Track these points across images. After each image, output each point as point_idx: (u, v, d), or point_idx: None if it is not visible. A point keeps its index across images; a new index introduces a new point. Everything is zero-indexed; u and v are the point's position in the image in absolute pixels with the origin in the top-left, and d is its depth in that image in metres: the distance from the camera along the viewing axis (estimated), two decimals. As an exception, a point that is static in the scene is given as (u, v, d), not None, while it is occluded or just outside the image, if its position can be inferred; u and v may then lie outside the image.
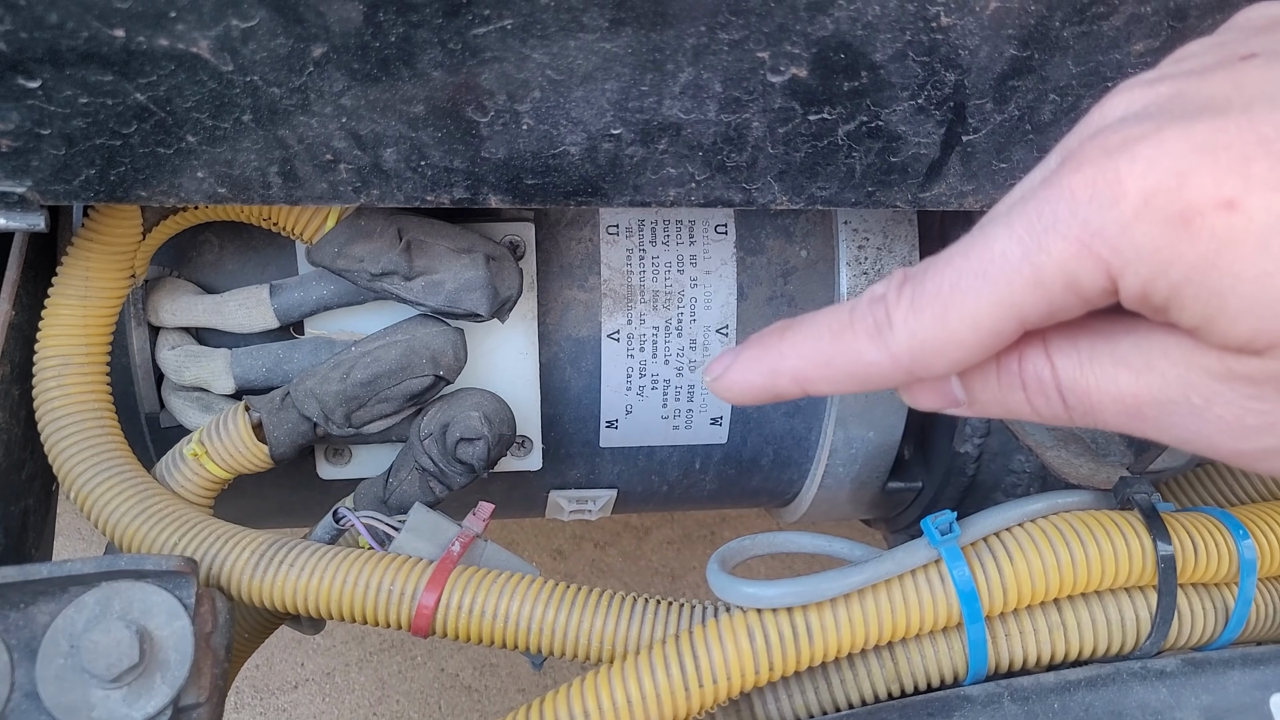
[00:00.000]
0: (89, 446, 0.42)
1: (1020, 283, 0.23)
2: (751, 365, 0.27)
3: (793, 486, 0.60)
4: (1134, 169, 0.21)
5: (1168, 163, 0.21)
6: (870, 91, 0.33)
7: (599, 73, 0.31)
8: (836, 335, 0.26)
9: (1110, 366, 0.24)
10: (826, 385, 0.26)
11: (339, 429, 0.45)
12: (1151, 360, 0.23)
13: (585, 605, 0.38)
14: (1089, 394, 0.24)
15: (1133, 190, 0.21)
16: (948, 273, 0.24)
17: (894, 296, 0.25)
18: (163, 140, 0.33)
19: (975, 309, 0.23)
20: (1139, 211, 0.21)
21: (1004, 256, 0.23)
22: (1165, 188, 0.21)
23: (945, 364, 0.24)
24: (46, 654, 0.35)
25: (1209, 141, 0.21)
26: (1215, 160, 0.20)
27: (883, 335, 0.25)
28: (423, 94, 0.32)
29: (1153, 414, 0.23)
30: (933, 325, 0.24)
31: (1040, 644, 0.34)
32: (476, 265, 0.44)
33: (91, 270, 0.43)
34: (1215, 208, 0.20)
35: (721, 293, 0.52)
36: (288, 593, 0.39)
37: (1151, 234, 0.21)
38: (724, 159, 0.35)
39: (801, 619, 0.33)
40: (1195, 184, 0.20)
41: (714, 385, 0.28)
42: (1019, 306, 0.23)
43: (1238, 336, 0.21)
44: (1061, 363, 0.24)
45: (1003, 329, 0.23)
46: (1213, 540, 0.34)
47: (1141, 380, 0.23)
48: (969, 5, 0.30)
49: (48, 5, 0.28)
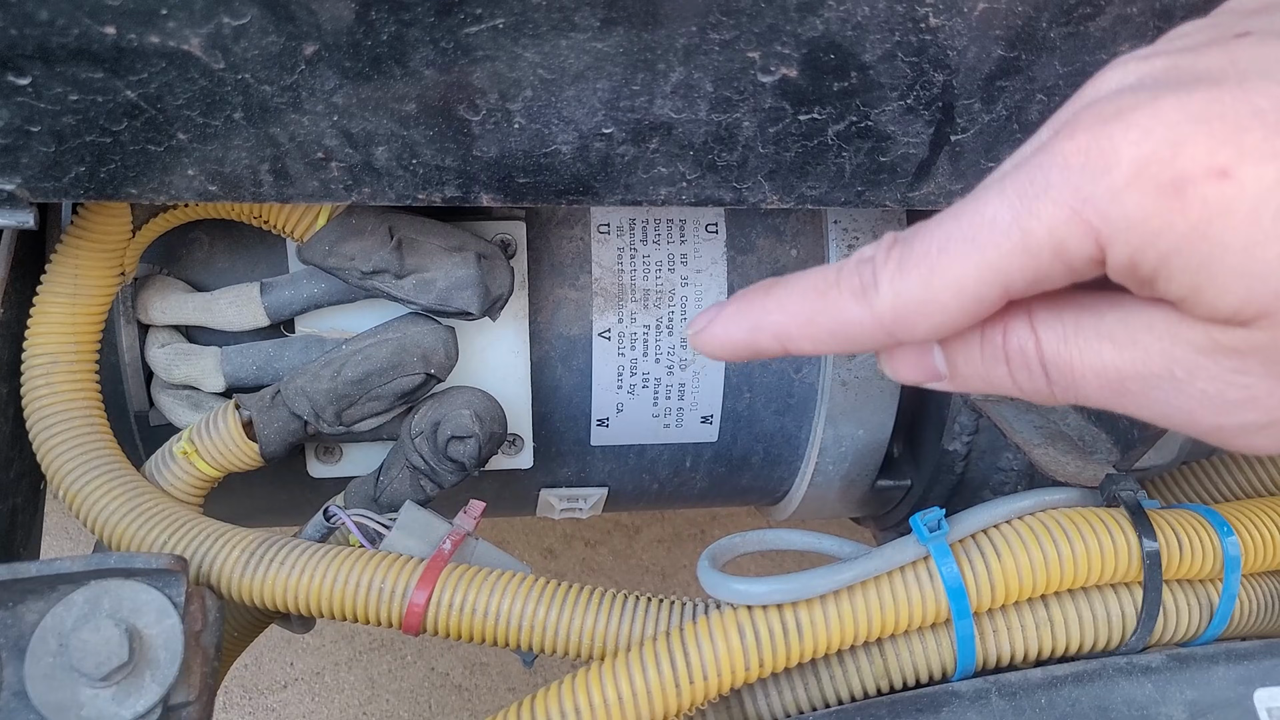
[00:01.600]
0: (78, 445, 0.42)
1: (1008, 247, 0.22)
2: (734, 320, 0.27)
3: (783, 484, 0.60)
4: (1128, 136, 0.21)
5: (1162, 131, 0.21)
6: (860, 92, 0.33)
7: (590, 72, 0.31)
8: (821, 293, 0.25)
9: (1095, 340, 0.23)
10: (808, 343, 0.26)
11: (330, 427, 0.45)
12: (1136, 334, 0.23)
13: (576, 603, 0.38)
14: (1072, 367, 0.24)
15: (1126, 158, 0.21)
16: (937, 235, 0.24)
17: (882, 257, 0.24)
18: (153, 138, 0.33)
19: (961, 273, 0.23)
20: (1131, 180, 0.21)
21: (993, 221, 0.23)
22: (1159, 156, 0.21)
23: (927, 327, 0.24)
24: (35, 653, 0.35)
25: (1204, 111, 0.20)
26: (1209, 130, 0.20)
27: (867, 295, 0.24)
28: (415, 92, 0.32)
29: (1135, 388, 0.23)
30: (917, 287, 0.24)
31: (1028, 640, 0.34)
32: (468, 264, 0.44)
33: (81, 268, 0.43)
34: (1208, 176, 0.20)
35: (712, 291, 0.52)
36: (278, 591, 0.39)
37: (1143, 202, 0.21)
38: (715, 158, 0.36)
39: (791, 616, 0.33)
40: (1189, 153, 0.20)
41: (695, 339, 0.28)
42: (1005, 272, 0.23)
43: (1225, 307, 0.21)
44: (1046, 335, 0.24)
45: (987, 295, 0.23)
46: (1198, 537, 0.35)
47: (1125, 354, 0.23)
48: (957, 6, 0.30)
49: (38, 2, 0.28)
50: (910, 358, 0.26)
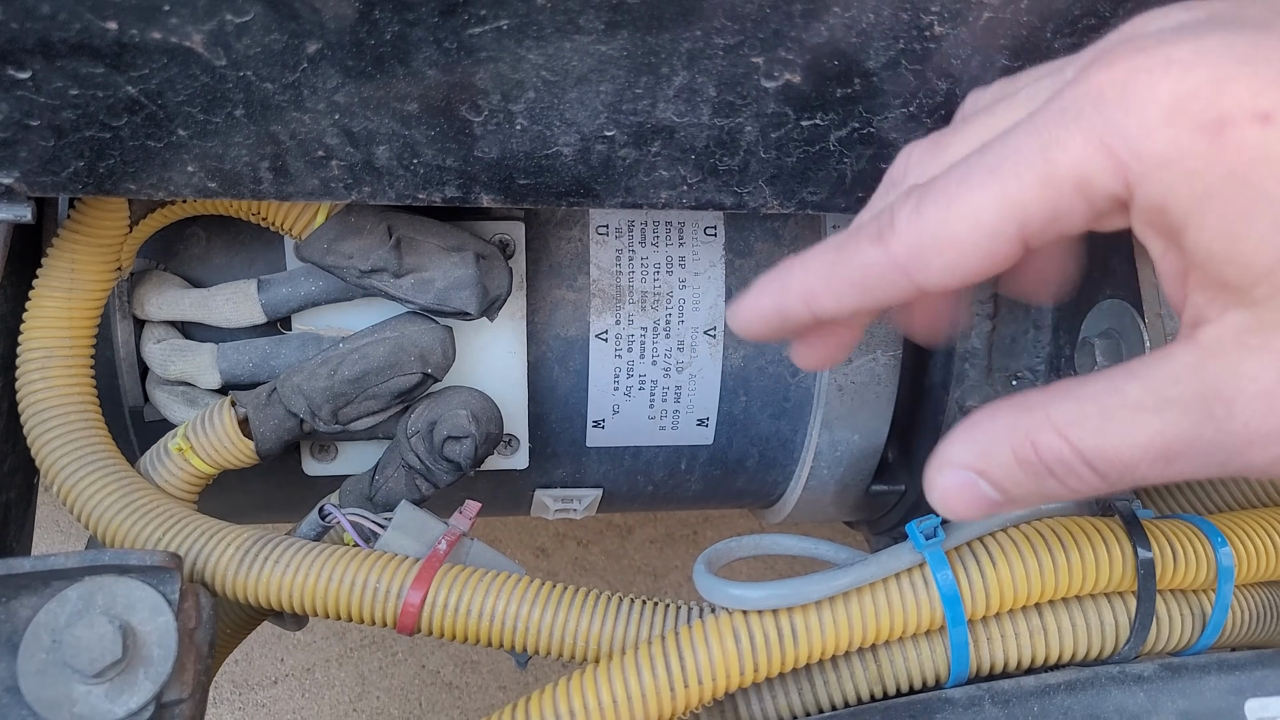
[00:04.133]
0: (72, 440, 0.42)
1: (1029, 178, 0.21)
2: (763, 291, 0.27)
3: (777, 488, 0.60)
4: (1170, 71, 0.20)
5: (1206, 69, 0.20)
6: (863, 98, 0.33)
7: (594, 75, 0.31)
8: (841, 245, 0.25)
9: (1127, 417, 0.22)
10: (831, 298, 0.26)
11: (326, 425, 0.45)
12: (1163, 393, 0.22)
13: (571, 605, 0.38)
14: (1119, 455, 0.22)
15: (1165, 93, 0.20)
16: (958, 170, 0.23)
17: (900, 200, 0.24)
18: (153, 133, 0.33)
19: (977, 204, 0.22)
20: (1169, 115, 0.20)
21: (1018, 151, 0.22)
22: (1201, 93, 0.20)
23: (941, 265, 0.23)
24: (28, 648, 0.35)
25: (1250, 53, 0.20)
26: (1255, 72, 0.19)
27: (884, 236, 0.24)
28: (417, 92, 0.32)
29: (1181, 449, 0.22)
30: (933, 222, 0.23)
31: (1021, 647, 0.34)
32: (466, 264, 0.44)
33: (77, 262, 0.43)
34: (1251, 119, 0.19)
35: (710, 294, 0.52)
36: (272, 589, 0.39)
37: (1180, 139, 0.20)
38: (716, 162, 0.36)
39: (787, 621, 0.33)
40: (1233, 92, 0.19)
41: (732, 320, 0.28)
42: (1023, 206, 0.22)
43: (1260, 261, 0.19)
44: (1077, 434, 0.23)
45: (1002, 229, 0.22)
46: (1191, 547, 0.35)
47: (1161, 418, 0.22)
48: (962, 15, 0.30)
49: (39, -4, 0.27)
50: (961, 488, 0.25)
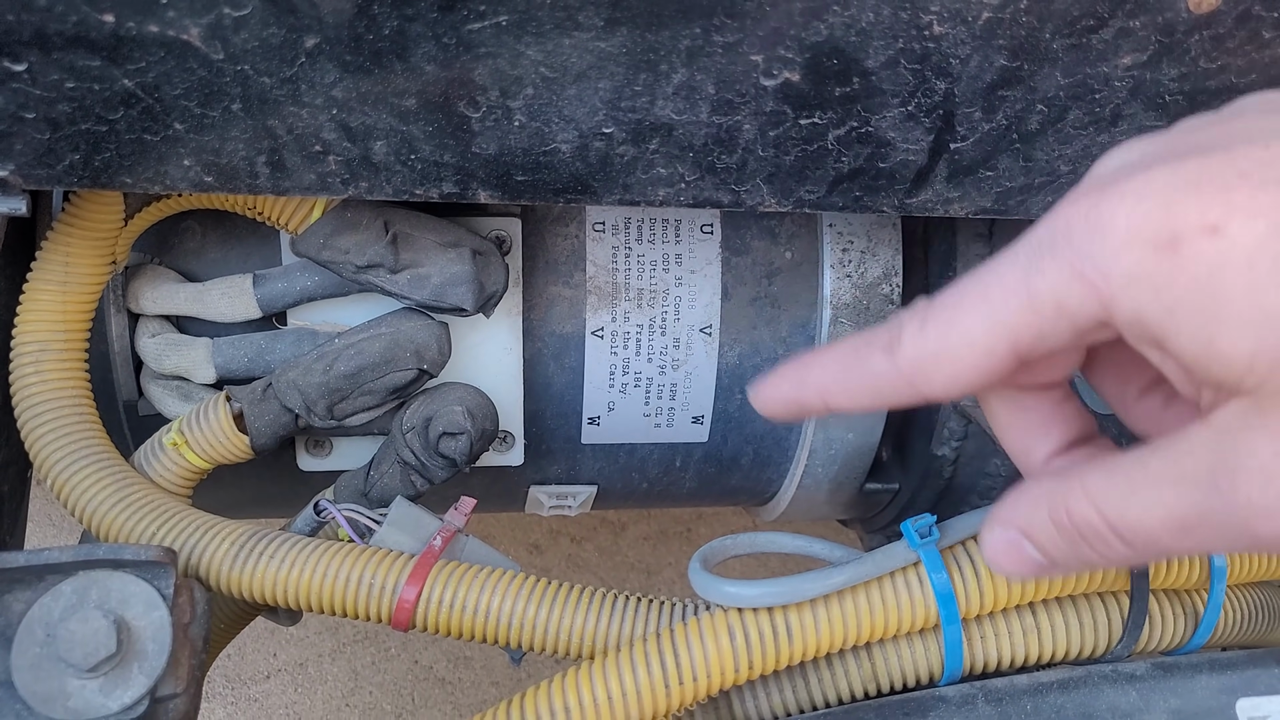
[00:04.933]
0: (66, 434, 0.42)
1: (1015, 304, 0.24)
2: (783, 379, 0.29)
3: (771, 486, 0.60)
4: (1124, 201, 0.22)
5: (1155, 195, 0.22)
6: (861, 97, 0.33)
7: (593, 71, 0.31)
8: (856, 350, 0.27)
9: (1151, 490, 0.24)
10: (845, 398, 0.28)
11: (321, 421, 0.45)
12: (1181, 467, 0.23)
13: (566, 602, 0.38)
14: (1142, 524, 0.24)
15: (1122, 220, 0.22)
16: (954, 295, 0.26)
17: (909, 317, 0.26)
18: (149, 127, 0.33)
19: (971, 326, 0.25)
20: (1128, 239, 0.22)
21: (1002, 280, 0.24)
22: (1152, 217, 0.22)
23: (942, 379, 0.26)
24: (22, 642, 0.35)
25: (1193, 177, 0.22)
26: (1199, 191, 0.22)
27: (892, 349, 0.26)
28: (415, 88, 0.32)
29: (1194, 521, 0.23)
30: (935, 340, 0.25)
31: (1014, 646, 0.34)
32: (463, 260, 0.44)
33: (72, 256, 0.43)
34: (1200, 232, 0.21)
35: (706, 292, 0.52)
36: (267, 584, 0.39)
37: (1141, 259, 0.22)
38: (714, 160, 0.36)
39: (781, 619, 0.33)
40: (1180, 212, 0.22)
41: (755, 400, 0.30)
42: (1012, 327, 0.24)
43: (1239, 357, 0.21)
44: (1104, 503, 0.25)
45: (996, 348, 0.25)
46: (1184, 547, 0.35)
47: (1177, 490, 0.23)
48: (962, 15, 0.30)
49: (36, -12, 0.27)
50: (1006, 548, 0.27)
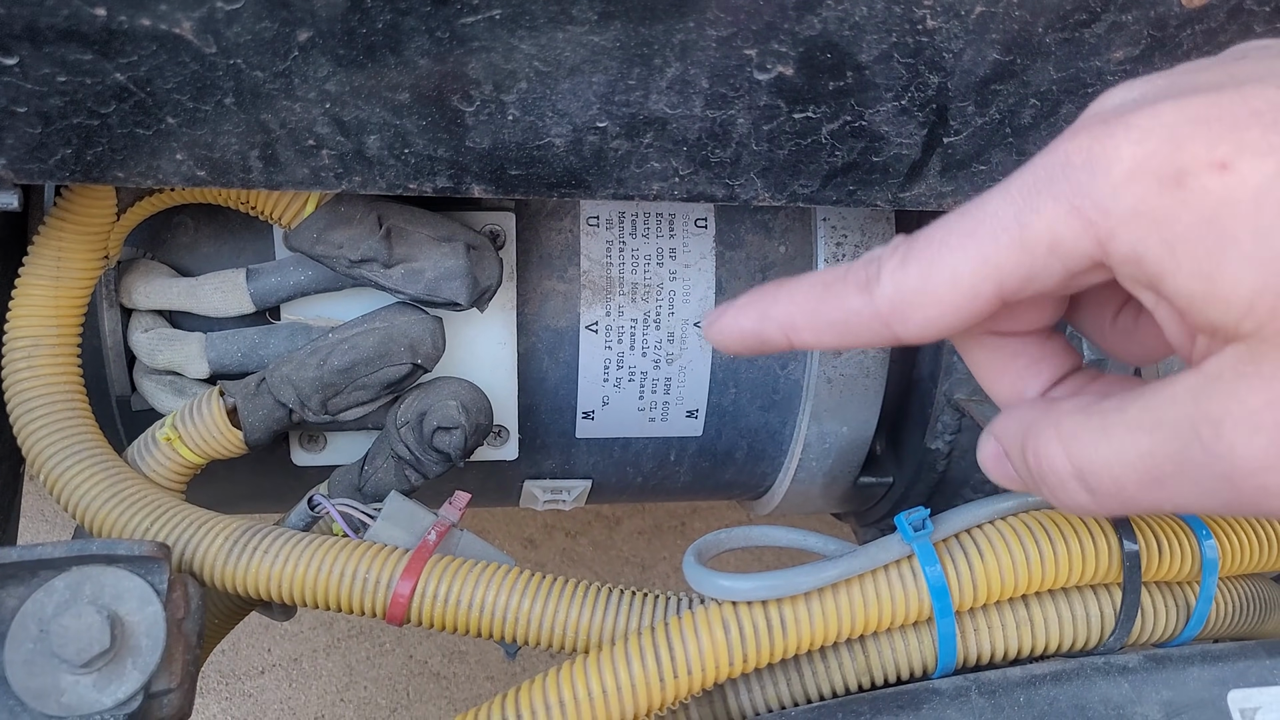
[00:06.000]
0: (59, 429, 0.42)
1: (1005, 241, 0.23)
2: (744, 310, 0.28)
3: (766, 479, 0.60)
4: (1129, 135, 0.22)
5: (1163, 130, 0.22)
6: (855, 91, 0.33)
7: (586, 65, 0.31)
8: (827, 285, 0.26)
9: (1123, 432, 0.23)
10: (810, 334, 0.27)
11: (315, 416, 0.44)
12: (1160, 414, 0.23)
13: (560, 596, 0.38)
14: (1109, 470, 0.23)
15: (1127, 155, 0.22)
16: (939, 231, 0.25)
17: (888, 254, 0.25)
18: (142, 121, 0.32)
19: (956, 264, 0.24)
20: (1132, 173, 0.22)
21: (994, 215, 0.24)
22: (1160, 151, 0.21)
23: (920, 319, 0.25)
24: (15, 638, 0.35)
25: (1203, 113, 0.21)
26: (1209, 128, 0.21)
27: (869, 287, 0.25)
28: (408, 82, 0.32)
29: (1170, 470, 0.23)
30: (916, 278, 0.24)
31: (1008, 639, 0.35)
32: (457, 254, 0.44)
33: (64, 250, 0.42)
34: (1209, 169, 0.21)
35: (700, 286, 0.52)
36: (261, 579, 0.39)
37: (1145, 194, 0.21)
38: (708, 154, 0.36)
39: (776, 612, 0.33)
40: (1189, 148, 0.21)
41: (708, 330, 0.29)
42: (999, 266, 0.23)
43: (1240, 298, 0.21)
44: (1073, 445, 0.24)
45: (981, 289, 0.24)
46: (1176, 539, 0.35)
47: (1153, 437, 0.23)
48: (955, 9, 0.30)
49: (27, -19, 0.27)
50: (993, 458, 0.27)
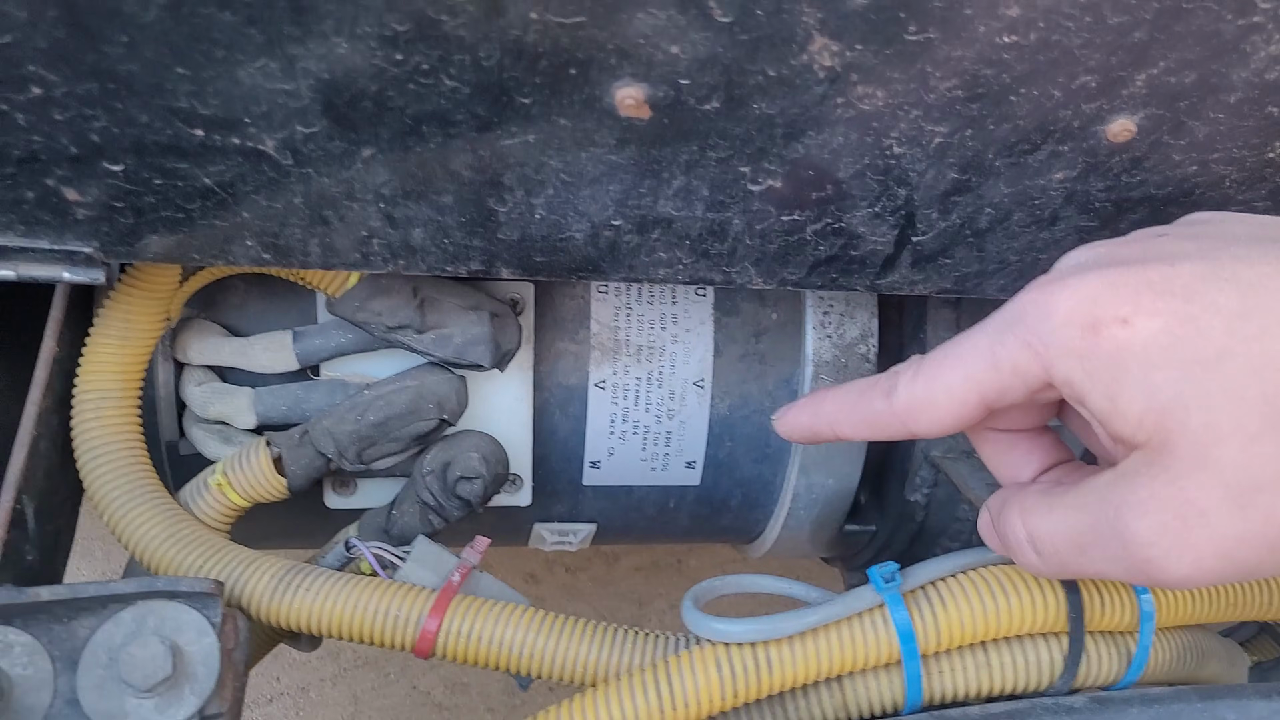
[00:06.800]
0: (122, 475, 0.46)
1: (982, 365, 0.31)
2: (802, 409, 0.38)
3: (759, 525, 0.65)
4: (1064, 293, 0.30)
5: (1087, 290, 0.29)
6: (835, 200, 0.38)
7: (605, 178, 0.36)
8: (861, 393, 0.35)
9: (1061, 512, 0.31)
10: (849, 428, 0.36)
11: (351, 465, 0.49)
12: (1085, 499, 0.31)
13: (570, 634, 0.42)
14: (1049, 538, 0.32)
15: (1063, 307, 0.29)
16: (939, 354, 0.33)
17: (904, 370, 0.34)
18: (220, 215, 0.37)
19: (950, 380, 0.32)
20: (1065, 321, 0.29)
21: (975, 347, 0.32)
22: (1082, 307, 0.29)
23: (927, 420, 0.33)
24: (87, 665, 0.39)
25: (1114, 281, 0.29)
26: (1116, 292, 0.29)
27: (890, 395, 0.34)
28: (452, 188, 0.37)
29: (1089, 541, 0.30)
30: (922, 389, 0.33)
31: (969, 680, 0.39)
32: (482, 321, 0.49)
33: (132, 314, 0.47)
34: (1115, 322, 0.28)
35: (699, 349, 0.57)
36: (303, 615, 0.43)
37: (1072, 336, 0.29)
38: (708, 247, 0.41)
39: (764, 652, 0.37)
40: (1102, 306, 0.29)
41: (777, 423, 0.39)
42: (980, 382, 0.31)
43: (1133, 414, 0.28)
44: (1029, 517, 0.33)
45: (968, 399, 0.32)
46: (1116, 594, 0.39)
47: (1077, 515, 0.31)
48: (917, 139, 0.35)
49: (140, 108, 0.32)
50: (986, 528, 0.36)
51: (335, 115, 0.33)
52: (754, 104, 0.33)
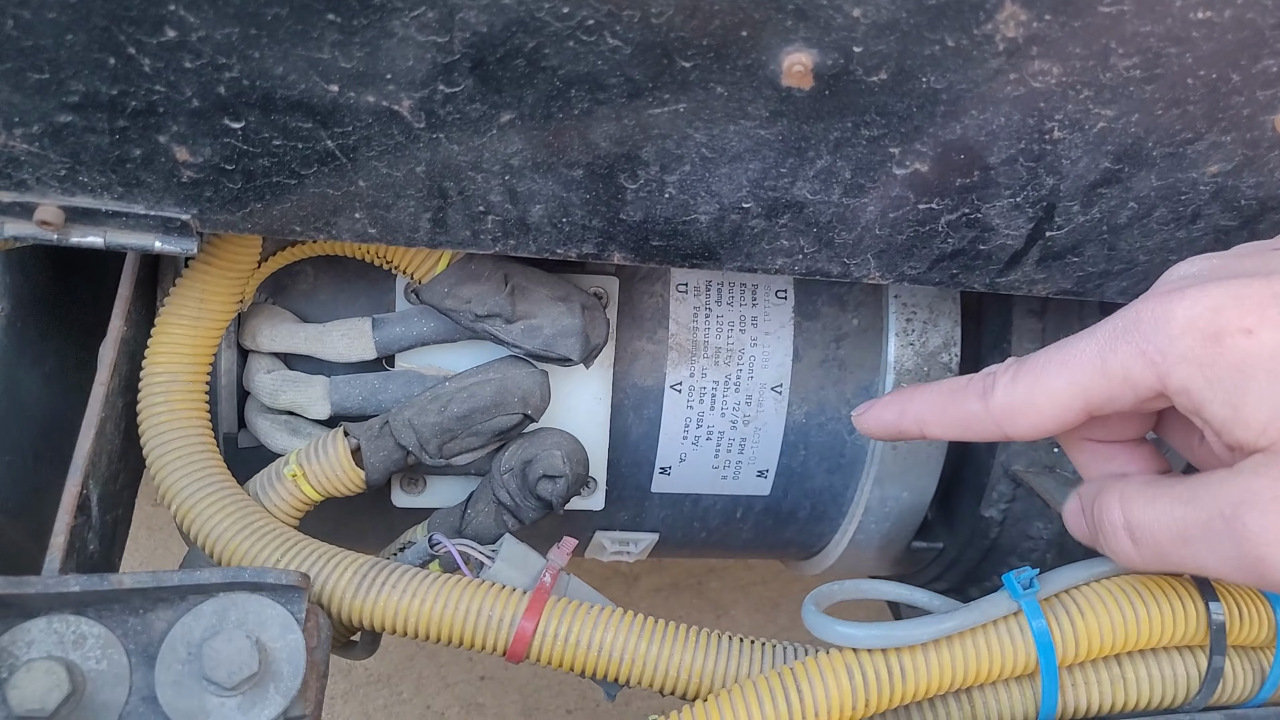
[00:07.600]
0: (191, 462, 0.44)
1: (1091, 371, 0.31)
2: (887, 406, 0.37)
3: (823, 539, 0.63)
4: (1183, 303, 0.30)
5: (1207, 301, 0.29)
6: (978, 188, 0.37)
7: (747, 154, 0.35)
8: (953, 392, 0.35)
9: (1167, 503, 0.31)
10: (938, 428, 0.35)
11: (431, 459, 0.47)
12: (1196, 492, 0.30)
13: (675, 640, 0.40)
14: (1150, 528, 0.31)
15: (1181, 316, 0.30)
16: (1042, 359, 0.32)
17: (1002, 371, 0.33)
18: (335, 183, 0.35)
19: (1054, 386, 0.32)
20: (1184, 331, 0.29)
21: (1084, 352, 0.31)
22: (1204, 317, 0.29)
23: (1026, 424, 0.33)
24: (165, 660, 0.36)
25: (1238, 293, 0.29)
26: (1241, 304, 0.29)
27: (985, 396, 0.33)
28: (586, 160, 0.35)
29: (1196, 534, 0.30)
30: (1023, 392, 0.32)
31: (1103, 694, 0.37)
32: (573, 313, 0.47)
33: (207, 293, 0.45)
34: (1239, 332, 0.29)
35: (778, 353, 0.55)
36: (389, 613, 0.41)
37: (1192, 345, 0.29)
38: (834, 236, 0.39)
39: (895, 660, 0.35)
40: (1225, 316, 0.29)
41: (857, 419, 0.38)
42: (1086, 389, 0.31)
43: (1256, 423, 0.29)
44: (1129, 504, 0.32)
45: (1072, 405, 0.31)
46: (1255, 608, 0.38)
47: (1187, 508, 0.30)
48: (1080, 123, 0.34)
49: (279, 58, 0.30)
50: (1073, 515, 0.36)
51: (483, 73, 0.31)
52: (923, 77, 0.31)
